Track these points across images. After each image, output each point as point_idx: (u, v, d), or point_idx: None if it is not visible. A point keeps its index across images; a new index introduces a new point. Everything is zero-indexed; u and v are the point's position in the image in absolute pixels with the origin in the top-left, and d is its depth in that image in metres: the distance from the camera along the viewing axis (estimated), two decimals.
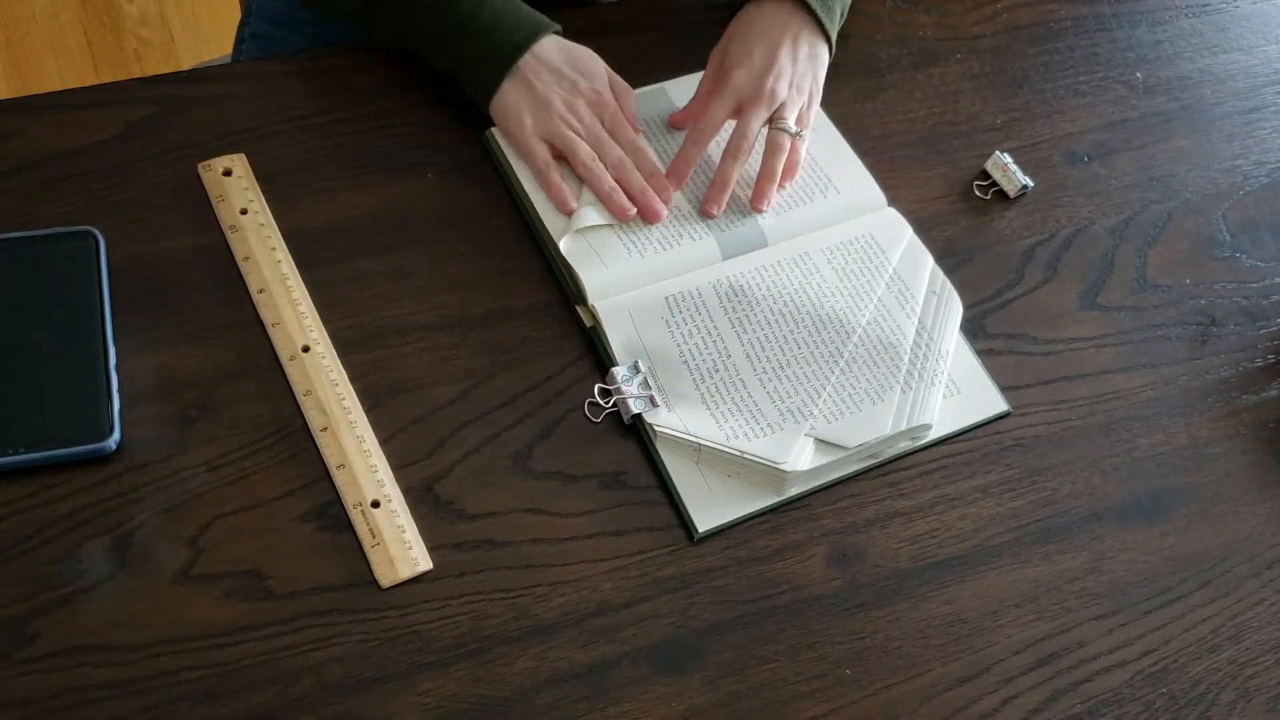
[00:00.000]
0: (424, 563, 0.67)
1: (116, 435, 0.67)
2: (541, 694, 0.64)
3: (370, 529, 0.67)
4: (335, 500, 0.68)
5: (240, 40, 1.06)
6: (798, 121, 0.83)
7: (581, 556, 0.69)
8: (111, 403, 0.68)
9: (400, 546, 0.67)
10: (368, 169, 0.81)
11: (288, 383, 0.71)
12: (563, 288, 0.78)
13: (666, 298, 0.77)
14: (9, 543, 0.64)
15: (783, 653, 0.67)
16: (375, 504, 0.68)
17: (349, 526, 0.67)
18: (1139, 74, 0.98)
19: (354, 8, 0.83)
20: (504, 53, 0.80)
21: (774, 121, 0.82)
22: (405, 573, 0.66)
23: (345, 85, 0.84)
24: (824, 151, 0.86)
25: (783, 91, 0.82)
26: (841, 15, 0.87)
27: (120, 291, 0.73)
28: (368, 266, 0.77)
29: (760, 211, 0.82)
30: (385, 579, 0.66)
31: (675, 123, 0.86)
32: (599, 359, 0.75)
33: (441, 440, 0.71)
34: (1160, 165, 0.92)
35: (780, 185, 0.83)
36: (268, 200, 0.78)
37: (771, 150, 0.82)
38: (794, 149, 0.83)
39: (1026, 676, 0.68)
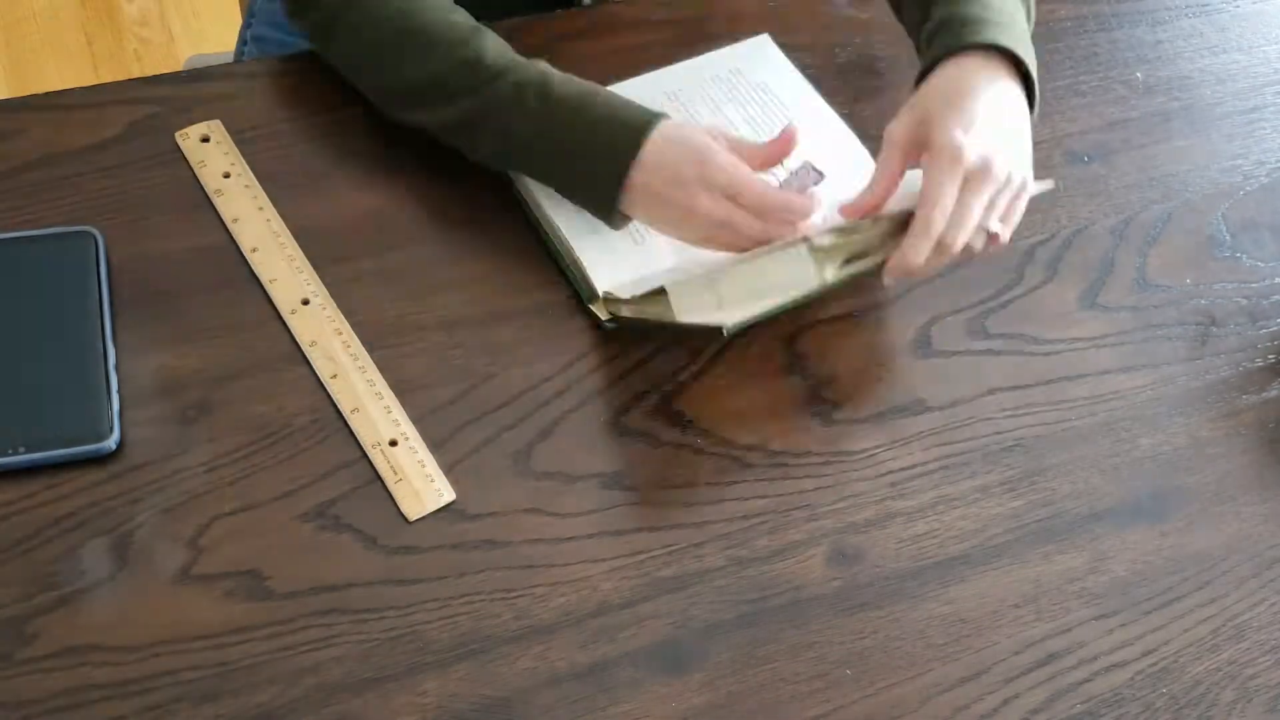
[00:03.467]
0: (447, 493, 0.68)
1: (116, 435, 0.67)
2: (541, 694, 0.64)
3: (391, 467, 0.68)
4: (335, 500, 0.68)
5: (242, 43, 1.06)
6: (1004, 218, 0.73)
7: (581, 556, 0.69)
8: (111, 403, 0.68)
9: (423, 480, 0.68)
10: (368, 169, 0.81)
11: (288, 382, 0.71)
12: (571, 284, 0.78)
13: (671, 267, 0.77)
14: (9, 543, 0.64)
15: (783, 653, 0.67)
16: (393, 442, 0.69)
17: (349, 526, 0.67)
18: (1139, 74, 0.98)
19: (451, 123, 0.76)
20: (619, 152, 0.72)
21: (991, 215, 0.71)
22: (432, 504, 0.68)
23: (345, 85, 0.84)
24: (820, 132, 0.85)
25: (1011, 175, 0.71)
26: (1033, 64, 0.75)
27: (120, 291, 0.73)
28: (368, 266, 0.77)
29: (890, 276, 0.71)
30: (412, 513, 0.68)
31: (862, 209, 0.73)
32: (600, 359, 0.75)
33: (441, 440, 0.71)
34: (1160, 165, 0.92)
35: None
36: (269, 197, 0.78)
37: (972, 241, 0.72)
38: (992, 243, 0.73)
39: (1027, 676, 0.68)
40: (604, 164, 0.73)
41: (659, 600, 0.68)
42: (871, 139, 0.88)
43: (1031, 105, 0.76)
